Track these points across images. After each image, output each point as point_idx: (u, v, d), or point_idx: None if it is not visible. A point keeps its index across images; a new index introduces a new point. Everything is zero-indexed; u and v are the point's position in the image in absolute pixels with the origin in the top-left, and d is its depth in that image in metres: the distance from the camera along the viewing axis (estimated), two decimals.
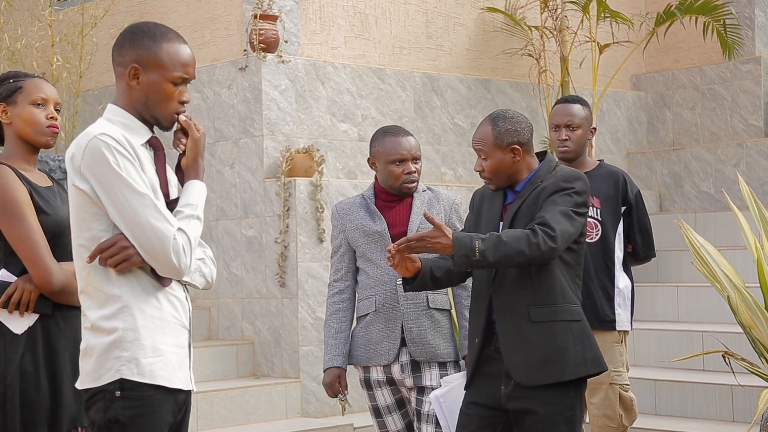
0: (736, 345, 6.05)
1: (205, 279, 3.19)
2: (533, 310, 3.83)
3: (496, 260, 3.71)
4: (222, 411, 6.88)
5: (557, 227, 3.74)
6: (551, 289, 3.84)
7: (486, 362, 3.95)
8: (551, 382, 3.81)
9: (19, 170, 3.62)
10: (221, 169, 7.86)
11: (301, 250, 7.33)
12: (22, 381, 3.51)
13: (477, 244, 3.69)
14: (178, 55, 3.10)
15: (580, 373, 3.86)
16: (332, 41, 8.22)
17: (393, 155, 4.43)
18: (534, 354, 3.82)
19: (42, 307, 3.56)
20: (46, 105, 3.71)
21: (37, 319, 3.57)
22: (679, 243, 7.73)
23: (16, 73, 3.77)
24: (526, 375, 3.83)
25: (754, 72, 9.60)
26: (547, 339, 3.82)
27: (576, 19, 9.07)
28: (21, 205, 3.53)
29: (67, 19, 9.00)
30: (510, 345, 3.85)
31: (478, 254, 3.69)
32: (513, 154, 3.92)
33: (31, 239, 3.51)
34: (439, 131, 8.64)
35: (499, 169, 3.94)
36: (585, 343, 3.87)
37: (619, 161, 9.82)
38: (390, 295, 4.43)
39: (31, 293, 3.53)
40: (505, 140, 3.92)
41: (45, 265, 3.51)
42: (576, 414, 3.88)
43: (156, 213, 2.97)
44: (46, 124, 3.68)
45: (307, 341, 7.32)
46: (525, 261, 3.73)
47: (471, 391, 4.01)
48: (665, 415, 6.94)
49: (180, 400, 3.09)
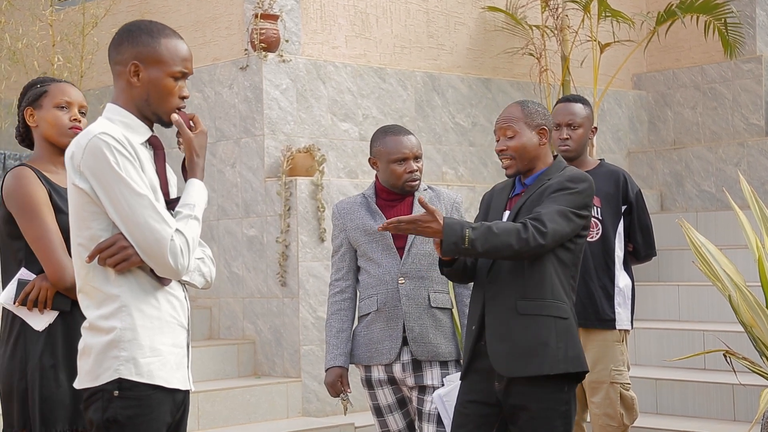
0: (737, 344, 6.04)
1: (204, 279, 3.20)
2: (521, 303, 3.84)
3: (485, 250, 3.73)
4: (223, 410, 6.88)
5: (550, 225, 3.76)
6: (541, 284, 3.85)
7: (478, 357, 3.96)
8: (531, 374, 3.82)
9: (43, 171, 3.72)
10: (222, 168, 7.86)
11: (302, 249, 7.33)
12: (42, 377, 3.58)
13: (467, 233, 3.71)
14: (177, 50, 3.11)
15: (560, 369, 3.84)
16: (333, 40, 8.22)
17: (395, 154, 4.43)
18: (515, 345, 3.83)
19: (60, 304, 3.63)
20: (70, 108, 3.81)
21: (58, 317, 3.64)
22: (680, 242, 7.73)
23: (43, 79, 3.89)
24: (507, 365, 3.84)
25: (755, 71, 9.60)
26: (530, 332, 3.83)
27: (577, 18, 9.07)
28: (38, 204, 3.61)
29: (68, 18, 9.00)
30: (495, 335, 3.87)
31: (467, 242, 3.70)
32: (540, 137, 3.97)
33: (47, 237, 3.58)
34: (440, 130, 8.64)
35: (526, 149, 3.96)
36: (568, 341, 3.87)
37: (620, 160, 9.82)
38: (391, 294, 4.43)
39: (48, 290, 3.60)
40: (535, 120, 3.97)
41: (58, 261, 3.57)
42: (571, 409, 3.89)
43: (154, 214, 2.97)
44: (69, 126, 3.77)
45: (309, 341, 7.32)
46: (512, 254, 3.76)
47: (466, 388, 4.00)
48: (666, 414, 6.94)
49: (178, 399, 3.09)
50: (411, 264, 4.43)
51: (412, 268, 4.43)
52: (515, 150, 3.96)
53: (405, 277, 4.43)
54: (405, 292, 4.41)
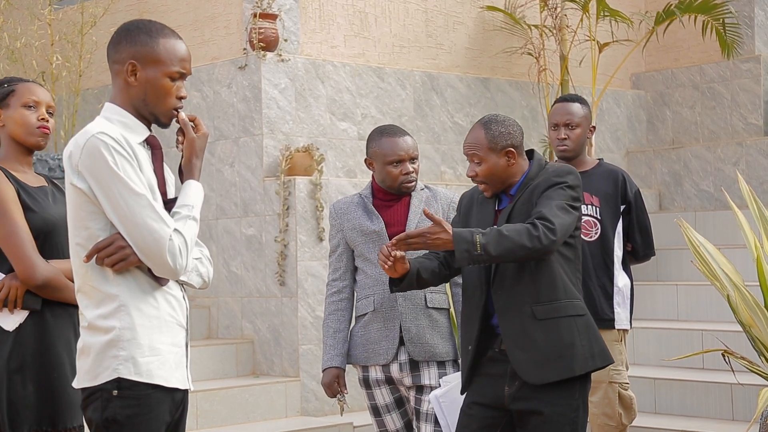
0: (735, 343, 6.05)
1: (202, 279, 3.19)
2: (537, 308, 3.81)
3: (498, 254, 3.69)
4: (222, 410, 6.88)
5: (556, 221, 3.74)
6: (553, 286, 3.83)
7: (488, 363, 3.94)
8: (560, 378, 3.79)
9: (10, 170, 3.69)
10: (221, 167, 7.86)
11: (301, 248, 7.33)
12: (8, 379, 3.54)
13: (478, 239, 3.67)
14: (175, 50, 3.09)
15: (589, 368, 3.85)
16: (332, 40, 8.21)
17: (390, 156, 4.42)
18: (540, 352, 3.80)
19: (31, 303, 3.59)
20: (38, 107, 3.78)
21: (28, 316, 3.59)
22: (679, 242, 7.73)
23: (11, 78, 3.87)
24: (535, 373, 3.81)
25: (753, 71, 9.60)
26: (553, 336, 3.81)
27: (575, 17, 9.07)
28: (6, 202, 3.58)
29: (67, 17, 9.00)
30: (515, 344, 3.83)
31: (479, 248, 3.66)
32: (507, 158, 3.90)
33: (16, 234, 3.55)
34: (439, 130, 8.63)
35: (495, 173, 3.91)
36: (591, 337, 3.87)
37: (619, 160, 9.82)
38: (388, 294, 4.42)
39: (18, 289, 3.56)
40: (499, 144, 3.89)
41: (28, 259, 3.54)
42: (579, 416, 3.87)
43: (152, 213, 2.96)
44: (37, 125, 3.75)
45: (307, 340, 7.32)
46: (526, 254, 3.71)
47: (472, 391, 3.98)
48: (665, 413, 6.94)
49: (177, 399, 3.09)
50: None
51: None
52: (485, 176, 3.92)
53: None
54: (401, 293, 4.41)
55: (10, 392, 3.54)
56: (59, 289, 3.60)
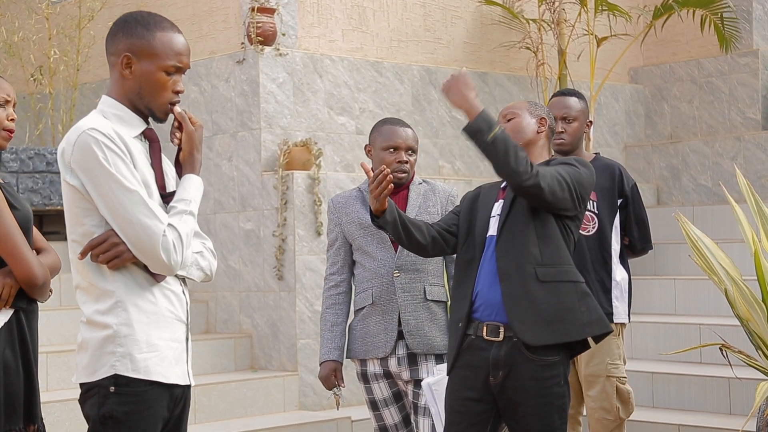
0: (733, 338, 6.05)
1: (203, 272, 3.14)
2: (540, 270, 3.87)
3: (499, 150, 3.78)
4: (220, 404, 6.88)
5: (544, 183, 3.81)
6: (558, 250, 3.90)
7: (468, 352, 3.95)
8: (555, 342, 3.84)
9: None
10: (219, 162, 7.86)
11: (299, 243, 7.33)
12: (5, 374, 3.52)
13: (498, 129, 3.80)
14: (171, 43, 3.05)
15: (585, 334, 3.90)
16: (330, 34, 8.21)
17: (387, 142, 4.45)
18: (540, 313, 3.84)
19: (19, 301, 3.55)
20: (7, 106, 3.70)
21: (13, 314, 3.55)
22: (677, 236, 7.73)
23: None
24: (531, 334, 3.84)
25: (751, 65, 9.60)
26: (554, 298, 3.86)
27: (574, 12, 9.06)
28: None
29: (65, 11, 8.99)
30: (516, 305, 3.86)
31: (492, 134, 3.79)
32: (539, 124, 4.09)
33: (12, 234, 3.49)
34: (437, 124, 8.63)
35: (522, 128, 4.07)
36: (589, 304, 3.93)
37: (617, 154, 9.83)
38: (387, 287, 4.43)
39: (12, 288, 3.51)
40: (537, 111, 4.13)
41: (28, 260, 3.50)
42: (566, 402, 3.92)
43: (145, 210, 2.93)
44: (5, 126, 3.66)
45: (305, 334, 7.32)
46: (509, 173, 3.79)
47: (459, 385, 3.98)
48: (662, 407, 6.94)
49: (176, 394, 3.07)
50: (406, 257, 4.43)
51: (407, 261, 4.43)
52: (511, 129, 4.05)
53: (400, 270, 4.43)
54: (400, 285, 4.42)
55: (6, 387, 3.52)
56: (48, 288, 3.59)
